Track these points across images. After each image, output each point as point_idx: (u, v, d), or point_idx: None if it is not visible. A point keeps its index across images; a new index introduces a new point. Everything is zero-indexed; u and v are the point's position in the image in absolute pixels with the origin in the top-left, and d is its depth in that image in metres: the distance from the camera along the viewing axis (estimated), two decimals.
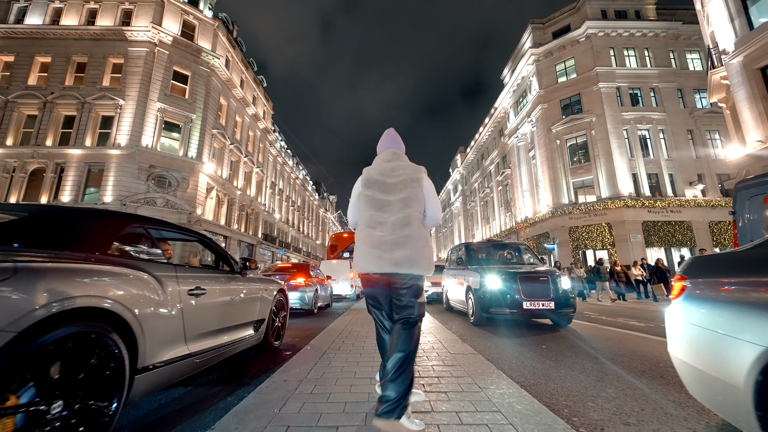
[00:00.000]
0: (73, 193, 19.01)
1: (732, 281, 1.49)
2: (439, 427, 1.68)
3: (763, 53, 10.67)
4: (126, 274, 1.79)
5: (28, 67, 20.68)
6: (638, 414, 2.08)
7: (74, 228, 1.83)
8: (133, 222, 2.18)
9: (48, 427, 1.33)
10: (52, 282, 1.38)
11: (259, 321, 3.61)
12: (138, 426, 1.96)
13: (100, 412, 1.56)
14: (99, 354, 1.56)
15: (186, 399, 2.41)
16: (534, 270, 5.84)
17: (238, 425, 1.68)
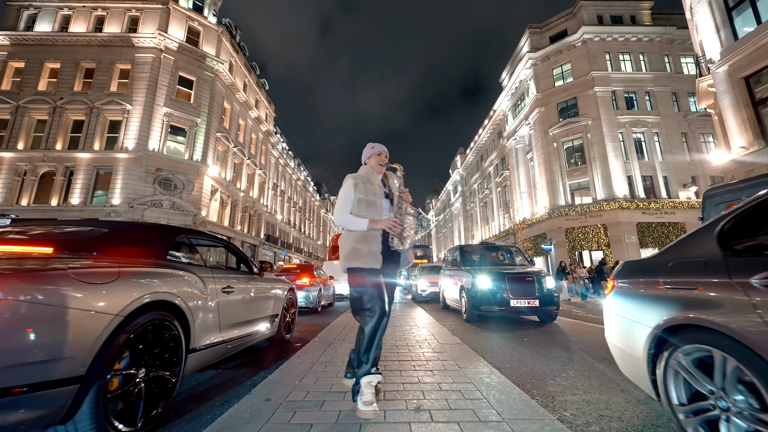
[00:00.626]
0: (83, 196, 19.57)
1: (639, 281, 2.00)
2: (423, 392, 2.19)
3: (747, 63, 11.13)
4: (181, 275, 2.31)
5: (38, 73, 21.25)
6: (586, 387, 2.59)
7: (142, 239, 2.35)
8: (180, 233, 2.70)
9: (136, 388, 1.85)
10: (140, 281, 1.89)
11: (274, 316, 4.13)
12: (189, 395, 2.47)
13: (167, 380, 2.07)
14: (166, 336, 2.08)
15: (219, 378, 2.92)
16: (521, 271, 6.34)
17: (269, 391, 2.19)
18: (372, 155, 2.35)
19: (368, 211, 2.17)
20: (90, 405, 1.55)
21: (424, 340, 4.05)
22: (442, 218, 66.51)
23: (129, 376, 1.81)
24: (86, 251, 2.02)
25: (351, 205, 2.18)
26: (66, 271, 1.55)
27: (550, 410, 2.11)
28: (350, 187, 2.20)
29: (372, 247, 2.12)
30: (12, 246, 1.93)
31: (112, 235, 2.30)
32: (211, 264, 3.19)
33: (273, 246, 34.96)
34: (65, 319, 1.46)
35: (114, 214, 19.10)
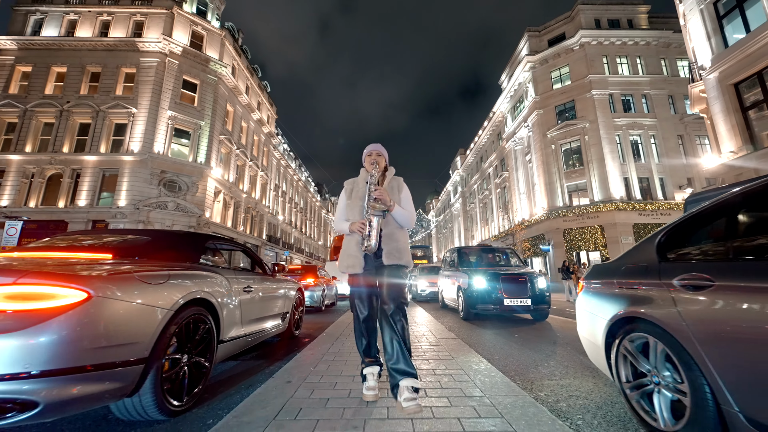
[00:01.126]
0: (89, 198, 19.98)
1: (600, 282, 2.37)
2: (420, 376, 2.57)
3: (736, 70, 11.49)
4: (213, 276, 2.69)
5: (45, 77, 21.66)
6: (562, 374, 2.96)
7: (178, 245, 2.73)
8: (208, 239, 3.08)
9: (181, 371, 2.22)
10: (184, 282, 2.28)
11: (285, 313, 4.51)
12: (217, 381, 2.85)
13: (203, 365, 2.45)
14: (202, 328, 2.46)
15: (239, 368, 3.30)
16: (515, 272, 6.72)
17: (289, 375, 2.57)
18: (365, 156, 2.39)
19: (351, 214, 2.25)
20: (151, 382, 1.92)
21: (422, 335, 4.43)
22: (443, 219, 66.89)
23: (176, 360, 2.19)
24: (136, 257, 2.40)
25: (344, 211, 2.31)
26: (132, 275, 1.93)
27: (528, 391, 2.48)
28: (342, 193, 2.35)
29: (351, 251, 2.19)
30: (80, 253, 2.30)
31: (154, 243, 2.68)
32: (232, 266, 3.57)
33: (275, 246, 35.34)
34: (135, 312, 1.84)
35: (120, 215, 19.50)
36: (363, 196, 2.23)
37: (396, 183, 2.36)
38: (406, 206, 2.27)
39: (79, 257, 2.17)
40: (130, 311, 1.83)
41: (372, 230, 2.08)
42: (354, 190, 2.31)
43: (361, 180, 2.34)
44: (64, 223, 19.48)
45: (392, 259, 2.14)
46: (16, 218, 13.66)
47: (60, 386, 1.51)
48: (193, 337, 2.36)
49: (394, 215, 2.20)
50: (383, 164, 2.35)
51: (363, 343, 2.22)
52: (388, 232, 2.19)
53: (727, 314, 1.44)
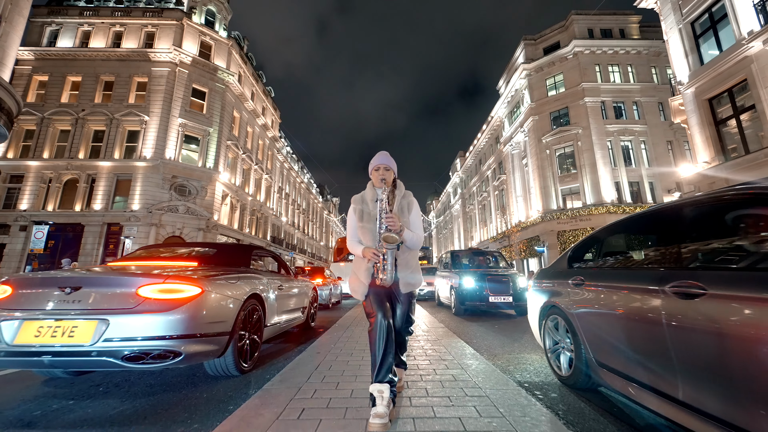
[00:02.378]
0: (104, 202, 20.99)
1: (539, 281, 3.34)
2: (411, 350, 3.54)
3: (710, 86, 12.44)
4: (259, 277, 3.67)
5: (61, 86, 22.69)
6: (519, 351, 3.94)
7: (235, 255, 3.72)
8: (253, 249, 4.07)
9: (245, 343, 3.20)
10: (246, 281, 3.26)
11: (304, 308, 5.48)
12: (263, 356, 3.82)
13: (256, 341, 3.43)
14: (256, 314, 3.44)
15: (274, 349, 4.28)
16: (499, 273, 7.69)
17: (317, 350, 3.54)
18: (371, 170, 2.24)
19: (364, 237, 2.16)
20: (232, 348, 2.91)
21: (416, 326, 5.40)
22: (443, 220, 67.82)
23: (242, 335, 3.17)
24: (213, 263, 3.39)
25: (355, 231, 2.21)
26: (221, 276, 2.92)
27: (488, 359, 3.46)
28: (351, 212, 2.24)
29: (362, 278, 2.13)
30: (180, 261, 3.29)
31: (220, 253, 3.67)
32: (268, 270, 4.55)
33: (278, 247, 36.32)
34: (223, 301, 2.83)
35: (134, 218, 20.51)
36: (374, 219, 2.15)
37: (406, 202, 2.22)
38: (416, 229, 2.17)
39: (182, 265, 3.15)
40: (221, 301, 2.81)
41: (386, 264, 2.02)
42: (364, 212, 2.19)
43: (369, 199, 2.22)
44: (80, 226, 20.49)
45: (409, 288, 2.15)
46: (42, 223, 14.65)
47: (189, 344, 2.49)
48: (251, 320, 3.34)
49: (406, 239, 2.09)
50: (392, 179, 2.22)
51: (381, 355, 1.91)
52: (403, 261, 2.14)
53: (588, 302, 2.42)
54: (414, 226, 2.17)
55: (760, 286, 1.30)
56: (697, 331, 1.50)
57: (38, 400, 2.49)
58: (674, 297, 1.65)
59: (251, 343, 3.28)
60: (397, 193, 2.23)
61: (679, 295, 1.62)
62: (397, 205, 2.18)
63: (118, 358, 2.25)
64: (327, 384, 2.48)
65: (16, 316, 2.32)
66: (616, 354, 2.09)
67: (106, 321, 2.29)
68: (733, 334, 1.34)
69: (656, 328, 1.72)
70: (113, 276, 2.51)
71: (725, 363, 1.37)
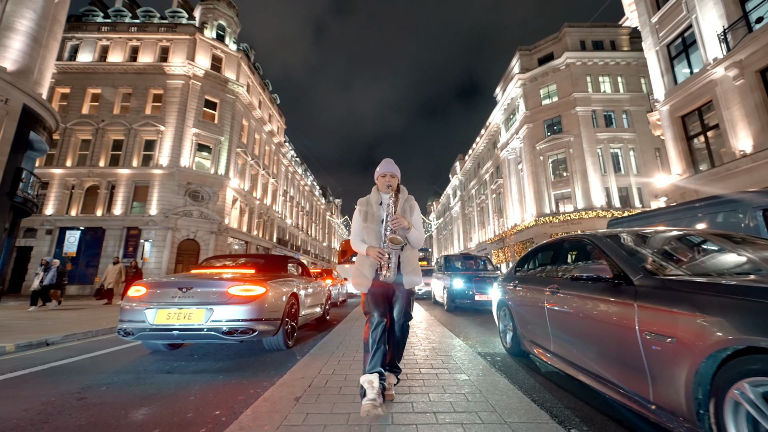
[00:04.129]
0: (123, 207, 22.38)
1: (500, 282, 4.64)
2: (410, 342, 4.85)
3: (682, 105, 13.68)
4: (294, 279, 4.99)
5: (82, 98, 24.10)
6: (487, 335, 5.24)
7: (276, 263, 5.05)
8: (288, 259, 5.39)
9: (289, 327, 4.51)
10: (288, 282, 4.59)
11: (321, 304, 6.81)
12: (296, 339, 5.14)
13: (294, 327, 4.75)
14: (294, 306, 4.76)
15: (301, 335, 5.59)
16: (484, 275, 8.98)
17: (336, 337, 4.86)
18: (378, 176, 2.41)
19: (368, 237, 2.29)
20: (282, 330, 4.22)
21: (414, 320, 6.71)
22: (443, 221, 69.11)
23: (287, 321, 4.49)
24: (263, 270, 4.71)
25: (360, 232, 2.35)
26: (273, 280, 4.24)
27: (462, 340, 4.75)
28: (357, 214, 2.39)
29: (365, 271, 2.27)
30: (245, 269, 4.61)
31: (267, 262, 5.00)
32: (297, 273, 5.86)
33: (284, 249, 37.69)
34: (277, 297, 4.15)
35: (152, 223, 21.89)
36: (378, 220, 2.29)
37: (408, 205, 2.39)
38: (418, 228, 2.33)
39: (246, 272, 4.48)
40: (275, 297, 4.13)
41: (391, 263, 2.18)
42: (369, 213, 2.34)
43: (374, 202, 2.38)
44: (102, 230, 21.89)
45: (409, 284, 2.28)
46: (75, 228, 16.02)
47: (260, 324, 3.81)
48: (291, 311, 4.67)
49: (409, 237, 2.28)
50: (396, 184, 2.39)
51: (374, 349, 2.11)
52: (405, 257, 2.29)
53: (518, 297, 3.72)
54: (415, 225, 2.34)
55: (579, 288, 2.59)
56: (556, 312, 2.81)
57: (162, 361, 3.83)
58: (549, 293, 2.95)
59: (291, 327, 4.61)
60: (401, 197, 2.41)
61: (551, 292, 2.93)
62: (401, 208, 2.35)
63: (219, 332, 3.58)
64: (350, 352, 3.79)
65: (153, 306, 3.65)
66: (529, 329, 3.39)
67: (211, 309, 3.61)
68: (570, 312, 2.64)
69: (542, 312, 3.03)
70: (213, 281, 3.84)
71: (568, 328, 2.67)
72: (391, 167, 2.39)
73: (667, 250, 2.41)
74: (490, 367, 3.16)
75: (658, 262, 2.17)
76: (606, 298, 2.16)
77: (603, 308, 2.18)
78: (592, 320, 2.29)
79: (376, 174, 2.43)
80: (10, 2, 11.52)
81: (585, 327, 2.39)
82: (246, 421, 1.92)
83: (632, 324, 1.87)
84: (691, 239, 2.52)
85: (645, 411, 1.80)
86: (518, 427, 1.81)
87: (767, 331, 1.23)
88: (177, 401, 2.56)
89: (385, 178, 2.36)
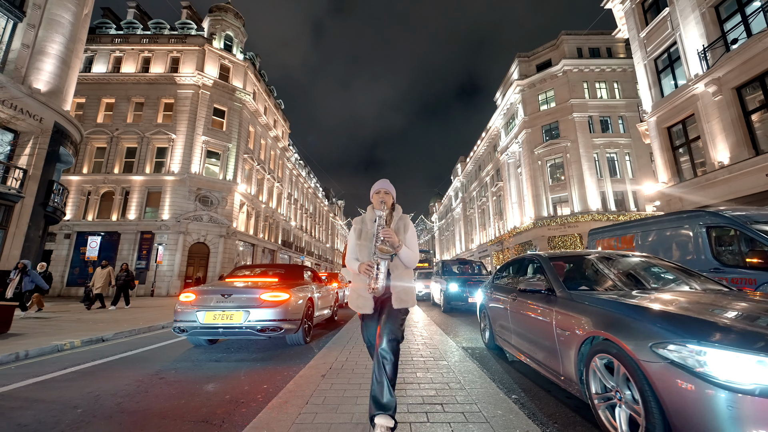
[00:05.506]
0: (137, 212, 23.44)
1: (483, 288, 5.53)
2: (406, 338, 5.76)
3: (668, 117, 14.47)
4: (310, 285, 5.92)
5: (97, 107, 25.20)
6: (475, 332, 6.13)
7: (294, 272, 5.98)
8: (304, 267, 6.31)
9: (307, 326, 5.44)
10: (306, 288, 5.52)
11: (330, 306, 7.73)
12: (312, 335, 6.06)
13: (311, 326, 5.67)
14: (311, 309, 5.68)
15: (314, 333, 6.51)
16: (477, 279, 9.87)
17: (345, 334, 5.78)
18: (372, 194, 2.42)
19: (362, 255, 2.28)
20: (302, 328, 5.14)
21: (410, 319, 7.62)
22: (445, 222, 69.91)
23: (305, 321, 5.41)
24: (284, 278, 5.63)
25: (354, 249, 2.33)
26: (294, 287, 5.17)
27: (451, 338, 5.64)
28: (352, 231, 2.39)
29: (362, 293, 2.21)
30: (270, 278, 5.54)
31: (287, 271, 5.92)
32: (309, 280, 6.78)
33: (288, 250, 38.70)
34: (298, 301, 5.07)
35: (164, 227, 22.94)
36: (372, 237, 2.26)
37: (402, 223, 2.38)
38: (412, 247, 2.30)
39: (271, 280, 5.41)
40: (297, 301, 5.06)
41: (379, 273, 2.13)
42: (363, 231, 2.35)
43: (369, 220, 2.37)
44: (117, 234, 22.96)
45: (401, 304, 2.20)
46: (96, 234, 17.05)
47: (285, 324, 4.73)
48: (308, 312, 5.58)
49: (401, 256, 2.23)
50: (390, 202, 2.40)
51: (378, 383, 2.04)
52: (397, 275, 2.25)
53: (492, 301, 4.62)
54: (409, 244, 2.30)
55: (527, 296, 3.48)
56: (515, 313, 3.70)
57: (208, 353, 4.76)
58: (511, 299, 3.85)
59: (308, 326, 5.53)
60: (395, 215, 2.40)
61: (512, 298, 3.82)
62: (394, 225, 2.34)
63: (254, 330, 4.50)
64: (358, 346, 4.70)
65: (202, 309, 4.58)
66: (500, 327, 4.29)
67: (248, 311, 4.54)
68: (522, 314, 3.53)
69: (507, 313, 3.93)
70: (248, 288, 4.77)
71: (521, 325, 3.56)
72: (385, 185, 2.43)
73: (582, 270, 3.31)
74: (467, 357, 4.06)
75: (573, 279, 3.07)
76: (541, 305, 3.06)
77: (539, 312, 3.08)
78: (533, 320, 3.19)
79: (371, 192, 2.44)
80: (42, 28, 12.53)
81: (530, 325, 3.30)
82: (291, 388, 2.84)
83: (552, 323, 2.77)
84: (599, 261, 3.41)
85: (558, 380, 2.70)
86: (472, 392, 2.71)
87: (605, 327, 2.13)
88: (233, 380, 3.49)
89: (379, 195, 2.38)
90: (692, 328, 1.71)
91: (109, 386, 3.30)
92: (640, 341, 1.84)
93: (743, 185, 11.00)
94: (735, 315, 1.87)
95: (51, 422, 2.47)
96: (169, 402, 2.86)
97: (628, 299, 2.29)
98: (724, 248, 5.41)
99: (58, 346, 5.16)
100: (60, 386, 3.34)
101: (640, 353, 1.80)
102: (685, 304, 2.09)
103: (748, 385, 1.44)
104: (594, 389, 2.21)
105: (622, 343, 1.93)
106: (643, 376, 1.76)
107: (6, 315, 6.40)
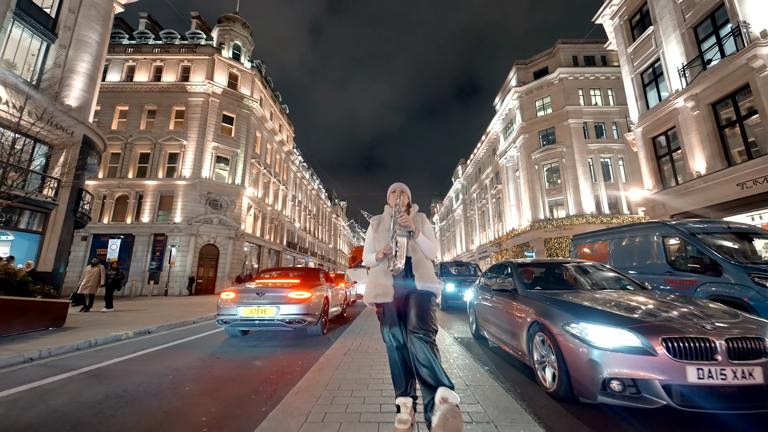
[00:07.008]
0: (150, 216, 24.54)
1: (473, 287, 6.54)
2: None
3: (653, 128, 15.43)
4: (325, 285, 6.95)
5: (111, 114, 26.32)
6: (466, 326, 7.14)
7: (312, 274, 7.01)
8: (320, 270, 7.34)
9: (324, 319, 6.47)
10: (323, 287, 6.55)
11: (341, 303, 8.76)
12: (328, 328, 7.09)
13: (326, 320, 6.70)
14: (326, 306, 6.71)
15: (329, 326, 7.54)
16: (471, 280, 10.87)
17: (356, 327, 6.81)
18: (389, 194, 2.55)
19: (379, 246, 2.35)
20: (320, 321, 6.18)
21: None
22: (446, 223, 70.90)
23: (322, 315, 6.43)
24: (305, 279, 6.67)
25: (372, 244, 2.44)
26: (314, 287, 6.21)
27: (445, 330, 6.65)
28: (370, 228, 2.53)
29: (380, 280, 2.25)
30: (293, 279, 6.57)
31: (306, 274, 6.96)
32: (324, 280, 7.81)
33: (293, 251, 39.78)
34: (319, 299, 6.11)
35: (176, 230, 24.03)
36: (389, 228, 2.32)
37: (419, 218, 2.43)
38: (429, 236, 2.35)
39: (295, 281, 6.45)
40: (317, 299, 6.09)
41: (399, 250, 2.15)
42: (380, 225, 2.44)
43: (386, 216, 2.45)
44: (131, 236, 24.06)
45: (425, 284, 2.20)
46: (116, 237, 18.13)
47: (308, 317, 5.76)
48: (325, 308, 6.61)
49: (419, 242, 2.28)
50: (406, 200, 2.49)
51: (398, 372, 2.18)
52: (417, 259, 2.28)
53: (478, 299, 5.64)
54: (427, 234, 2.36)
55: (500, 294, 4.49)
56: (493, 308, 4.72)
57: (244, 342, 5.80)
58: (490, 296, 4.86)
59: (325, 320, 6.56)
60: (412, 210, 2.49)
61: (491, 295, 4.84)
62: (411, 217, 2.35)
63: (284, 322, 5.54)
64: (369, 335, 5.73)
65: (241, 305, 5.61)
66: (482, 319, 5.30)
67: (278, 307, 5.58)
68: (497, 308, 4.55)
69: (487, 308, 4.94)
70: (278, 288, 5.80)
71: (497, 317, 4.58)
72: (400, 184, 2.55)
73: (541, 275, 4.34)
74: (456, 343, 5.08)
75: (535, 281, 4.10)
76: (508, 300, 4.08)
77: (507, 305, 4.10)
78: (503, 312, 4.21)
79: (388, 192, 2.58)
80: (72, 48, 13.62)
81: (501, 316, 4.32)
82: (323, 360, 3.87)
83: (514, 313, 3.78)
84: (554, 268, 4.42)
85: (517, 355, 3.72)
86: (454, 364, 3.73)
87: (542, 315, 3.15)
88: (273, 358, 4.52)
89: (395, 193, 2.50)
90: (583, 314, 2.74)
91: (180, 363, 4.33)
92: (557, 323, 2.87)
93: (717, 194, 11.97)
94: (616, 305, 2.90)
95: (155, 383, 3.50)
96: (232, 372, 3.90)
97: (558, 296, 3.32)
98: (676, 255, 6.41)
99: (117, 336, 6.21)
100: (143, 363, 4.38)
101: (556, 329, 2.83)
102: (589, 298, 3.12)
103: (610, 346, 2.46)
104: (536, 357, 3.23)
105: (548, 325, 2.96)
106: (556, 344, 2.79)
107: (62, 311, 7.46)
